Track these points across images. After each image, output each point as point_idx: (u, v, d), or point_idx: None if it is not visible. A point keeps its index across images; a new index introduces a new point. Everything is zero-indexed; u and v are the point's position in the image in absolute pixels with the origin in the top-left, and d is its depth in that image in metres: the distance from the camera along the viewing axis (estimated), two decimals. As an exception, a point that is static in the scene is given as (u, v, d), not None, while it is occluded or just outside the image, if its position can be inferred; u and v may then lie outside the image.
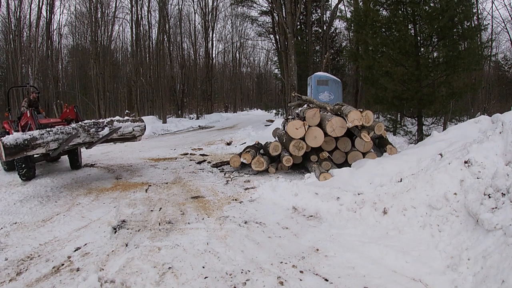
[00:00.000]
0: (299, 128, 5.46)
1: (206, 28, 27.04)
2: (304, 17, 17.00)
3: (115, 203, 4.39)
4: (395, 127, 9.79)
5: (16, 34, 19.14)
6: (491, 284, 2.14)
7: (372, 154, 5.69)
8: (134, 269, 2.67)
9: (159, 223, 3.65)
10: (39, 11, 18.01)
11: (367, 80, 10.10)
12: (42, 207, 4.31)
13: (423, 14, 7.75)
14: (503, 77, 19.66)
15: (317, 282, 2.47)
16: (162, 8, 21.07)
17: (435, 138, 4.66)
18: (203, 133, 14.83)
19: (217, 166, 6.67)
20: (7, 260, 2.88)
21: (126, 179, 5.78)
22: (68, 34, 26.66)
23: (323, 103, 6.02)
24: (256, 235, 3.30)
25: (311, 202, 3.95)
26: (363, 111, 5.07)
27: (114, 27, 24.05)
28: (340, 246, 3.02)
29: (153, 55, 23.34)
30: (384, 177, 3.92)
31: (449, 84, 8.14)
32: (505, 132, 3.28)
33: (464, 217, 2.95)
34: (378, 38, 8.35)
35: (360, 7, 10.85)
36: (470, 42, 8.55)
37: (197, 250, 2.98)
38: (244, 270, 2.63)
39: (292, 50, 12.77)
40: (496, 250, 2.35)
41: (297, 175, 5.73)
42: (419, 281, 2.43)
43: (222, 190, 4.96)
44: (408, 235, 3.11)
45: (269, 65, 41.06)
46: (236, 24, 34.23)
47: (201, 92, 30.63)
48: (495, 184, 2.85)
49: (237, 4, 21.46)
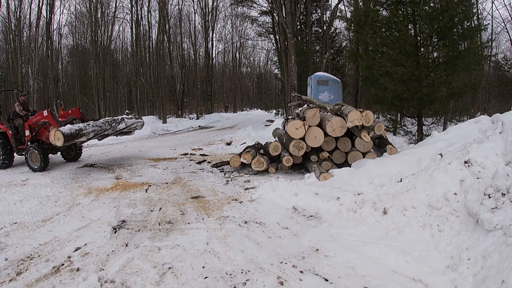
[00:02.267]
0: (299, 128, 5.46)
1: (206, 28, 27.07)
2: (304, 17, 17.01)
3: (115, 203, 4.39)
4: (395, 127, 9.79)
5: (16, 34, 19.15)
6: (491, 284, 2.14)
7: (372, 154, 5.69)
8: (134, 269, 2.67)
9: (159, 223, 3.65)
10: (39, 11, 18.00)
11: (367, 80, 10.10)
12: (42, 207, 4.31)
13: (423, 14, 7.75)
14: (503, 77, 19.65)
15: (317, 282, 2.47)
16: (162, 8, 21.07)
17: (435, 138, 4.66)
18: (203, 133, 14.83)
19: (217, 166, 6.68)
20: (7, 260, 2.88)
21: (126, 179, 5.78)
22: (68, 34, 26.73)
23: (323, 103, 6.02)
24: (256, 235, 3.30)
25: (311, 202, 3.95)
26: (363, 111, 5.07)
27: (114, 27, 24.08)
28: (340, 246, 3.02)
29: (153, 55, 23.33)
30: (384, 177, 3.92)
31: (449, 84, 8.14)
32: (505, 132, 3.28)
33: (464, 217, 2.95)
34: (378, 38, 8.35)
35: (360, 7, 10.86)
36: (470, 42, 8.56)
37: (197, 250, 2.98)
38: (244, 270, 2.63)
39: (292, 50, 12.77)
40: (496, 250, 2.35)
41: (297, 175, 5.73)
42: (419, 281, 2.43)
43: (222, 190, 4.96)
44: (408, 235, 3.11)
45: (269, 65, 41.11)
46: (236, 24, 34.30)
47: (201, 92, 30.65)
48: (495, 184, 2.85)
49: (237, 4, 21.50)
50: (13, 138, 7.02)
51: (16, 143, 7.05)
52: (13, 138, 7.02)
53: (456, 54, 7.62)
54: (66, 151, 7.71)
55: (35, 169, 6.57)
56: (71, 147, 7.67)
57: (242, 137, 11.40)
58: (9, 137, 7.06)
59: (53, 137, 5.80)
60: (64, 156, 7.79)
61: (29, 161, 6.65)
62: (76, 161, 7.71)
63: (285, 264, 2.73)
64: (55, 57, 23.08)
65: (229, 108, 38.03)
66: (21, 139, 7.11)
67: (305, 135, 5.48)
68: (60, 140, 5.73)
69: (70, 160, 7.74)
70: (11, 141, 7.05)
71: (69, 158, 7.77)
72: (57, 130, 5.77)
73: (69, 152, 7.77)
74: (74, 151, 7.79)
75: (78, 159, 7.86)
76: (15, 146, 7.05)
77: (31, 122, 6.93)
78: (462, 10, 7.72)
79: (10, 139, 7.05)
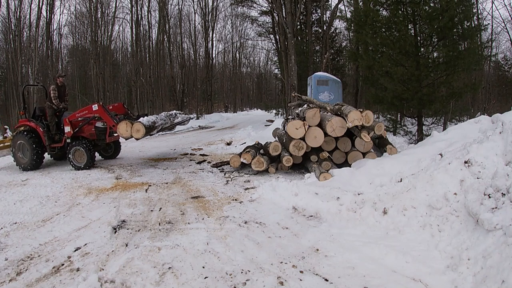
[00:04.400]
0: (299, 128, 5.46)
1: (206, 28, 27.03)
2: (304, 17, 17.00)
3: (115, 203, 4.39)
4: (395, 127, 9.79)
5: (16, 34, 19.14)
6: (491, 284, 2.14)
7: (372, 154, 5.69)
8: (134, 269, 2.67)
9: (159, 223, 3.65)
10: (39, 11, 18.03)
11: (367, 80, 10.10)
12: (42, 207, 4.30)
13: (423, 14, 7.74)
14: (503, 77, 19.64)
15: (317, 282, 2.47)
16: (162, 8, 21.10)
17: (435, 138, 4.66)
18: (203, 133, 14.83)
19: (217, 166, 6.67)
20: (7, 260, 2.87)
21: (126, 179, 5.78)
22: (68, 34, 26.73)
23: (323, 103, 6.02)
24: (256, 235, 3.30)
25: (311, 202, 3.95)
26: (363, 111, 5.07)
27: (114, 27, 24.13)
28: (340, 246, 3.02)
29: (153, 55, 23.36)
30: (384, 177, 3.92)
31: (449, 84, 8.14)
32: (505, 132, 3.28)
33: (464, 217, 2.95)
34: (378, 38, 8.34)
35: (360, 7, 10.86)
36: (470, 42, 8.56)
37: (197, 250, 2.98)
38: (244, 270, 2.63)
39: (292, 50, 12.76)
40: (496, 250, 2.35)
41: (297, 175, 5.73)
42: (419, 281, 2.43)
43: (222, 190, 4.96)
44: (408, 235, 3.10)
45: (269, 65, 41.09)
46: (236, 24, 34.29)
47: (201, 92, 30.64)
48: (495, 184, 2.85)
49: (237, 4, 21.49)
50: (46, 136, 6.64)
51: (49, 141, 6.68)
52: (45, 135, 6.64)
53: (456, 54, 7.62)
54: (104, 148, 7.42)
55: (80, 167, 6.39)
56: (110, 144, 7.43)
57: (242, 137, 11.40)
58: (40, 135, 6.69)
59: (130, 129, 5.79)
60: (102, 154, 7.55)
61: (73, 159, 6.44)
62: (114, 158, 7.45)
63: (285, 264, 2.73)
64: (55, 57, 23.09)
65: (229, 108, 38.02)
66: (54, 136, 6.75)
67: (305, 135, 5.48)
68: (140, 132, 5.76)
69: (108, 157, 7.44)
70: (43, 139, 6.67)
71: (107, 155, 7.48)
72: (138, 122, 5.82)
73: (107, 150, 7.51)
74: (113, 148, 7.53)
75: (117, 156, 7.60)
76: (48, 145, 6.67)
77: (73, 118, 6.60)
78: (462, 10, 7.72)
79: (42, 137, 6.67)
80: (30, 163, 6.64)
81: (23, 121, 6.98)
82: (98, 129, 6.79)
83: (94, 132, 6.76)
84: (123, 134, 5.89)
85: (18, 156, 6.74)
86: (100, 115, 6.35)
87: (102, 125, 6.78)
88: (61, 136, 6.77)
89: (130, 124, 5.90)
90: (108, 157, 7.49)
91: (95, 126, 6.76)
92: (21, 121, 7.05)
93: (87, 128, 6.66)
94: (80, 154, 6.46)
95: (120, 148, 7.77)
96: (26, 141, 6.61)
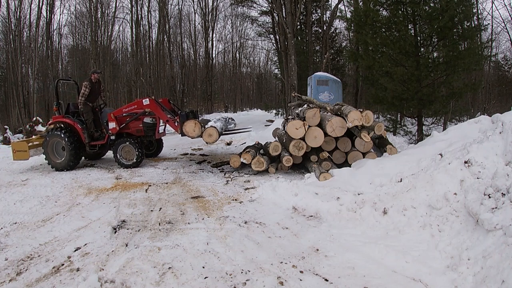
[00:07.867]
0: (299, 128, 5.46)
1: (206, 28, 27.04)
2: (304, 17, 16.99)
3: (115, 203, 4.39)
4: (395, 127, 9.79)
5: (16, 34, 19.15)
6: (491, 284, 2.14)
7: (372, 154, 5.69)
8: (134, 269, 2.67)
9: (159, 223, 3.65)
10: (39, 11, 18.05)
11: (367, 80, 10.10)
12: (42, 207, 4.31)
13: (423, 14, 7.74)
14: (503, 77, 19.66)
15: (317, 282, 2.47)
16: (162, 8, 21.10)
17: (435, 138, 4.66)
18: (203, 133, 14.79)
19: (217, 166, 6.67)
20: (7, 260, 2.88)
21: (126, 179, 5.78)
22: (68, 34, 26.73)
23: (323, 103, 6.02)
24: (256, 235, 3.30)
25: (311, 202, 3.95)
26: (363, 111, 5.07)
27: (114, 27, 24.14)
28: (340, 246, 3.02)
29: (153, 55, 23.36)
30: (384, 177, 3.92)
31: (449, 84, 8.14)
32: (505, 132, 3.28)
33: (464, 217, 2.95)
34: (378, 38, 8.34)
35: (360, 7, 10.83)
36: (470, 42, 8.54)
37: (197, 250, 2.98)
38: (244, 270, 2.63)
39: (292, 50, 12.76)
40: (496, 250, 2.35)
41: (297, 175, 5.73)
42: (419, 281, 2.43)
43: (222, 190, 4.96)
44: (408, 235, 3.10)
45: (269, 65, 41.01)
46: (236, 24, 34.19)
47: (201, 92, 30.65)
48: (495, 184, 2.85)
49: (237, 4, 21.45)
50: (85, 133, 6.30)
51: (89, 138, 6.33)
52: (84, 133, 6.30)
53: (456, 54, 7.62)
54: (146, 146, 7.05)
55: (128, 165, 6.14)
56: (152, 142, 7.11)
57: (242, 137, 11.39)
58: (79, 132, 6.33)
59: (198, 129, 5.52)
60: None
61: (120, 157, 6.19)
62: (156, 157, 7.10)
63: (285, 264, 2.73)
64: (55, 57, 23.11)
65: (229, 108, 37.97)
66: (94, 133, 6.44)
67: (305, 135, 5.48)
68: (213, 137, 5.51)
69: (150, 156, 7.09)
70: (82, 136, 6.32)
71: (149, 153, 7.14)
72: (212, 127, 5.58)
73: (149, 147, 7.18)
74: (155, 146, 7.22)
75: (159, 154, 7.27)
76: (87, 143, 6.33)
77: (118, 113, 6.31)
78: (462, 10, 7.71)
79: (81, 135, 6.32)
80: (68, 164, 6.26)
81: (57, 118, 6.54)
82: (146, 124, 6.48)
83: (141, 128, 6.45)
84: (190, 133, 5.62)
85: (52, 156, 6.33)
86: (152, 109, 6.10)
87: (151, 120, 6.48)
88: (102, 133, 6.47)
89: (198, 124, 5.65)
90: (150, 155, 7.13)
91: (143, 121, 6.45)
92: (55, 118, 6.59)
93: (133, 124, 6.36)
94: (129, 152, 6.17)
95: (163, 146, 7.38)
96: (63, 139, 6.18)
